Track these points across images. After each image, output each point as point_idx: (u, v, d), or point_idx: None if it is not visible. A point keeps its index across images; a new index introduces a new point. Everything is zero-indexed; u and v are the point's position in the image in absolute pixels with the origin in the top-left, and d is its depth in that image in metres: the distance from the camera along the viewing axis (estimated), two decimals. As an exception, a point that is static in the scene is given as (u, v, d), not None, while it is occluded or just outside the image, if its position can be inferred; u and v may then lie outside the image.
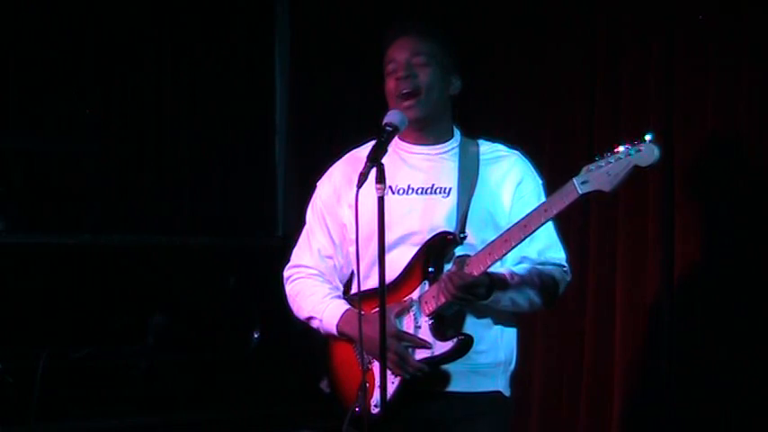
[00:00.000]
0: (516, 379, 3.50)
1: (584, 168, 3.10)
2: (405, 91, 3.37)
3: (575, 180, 3.11)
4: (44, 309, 4.61)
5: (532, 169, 3.49)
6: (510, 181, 3.42)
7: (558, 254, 3.44)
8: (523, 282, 3.34)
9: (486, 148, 3.48)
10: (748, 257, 4.08)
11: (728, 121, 4.19)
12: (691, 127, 4.28)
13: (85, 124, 5.47)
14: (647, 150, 3.03)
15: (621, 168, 3.05)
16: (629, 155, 3.04)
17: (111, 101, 5.56)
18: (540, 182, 3.47)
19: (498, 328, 3.41)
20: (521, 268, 3.37)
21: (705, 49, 4.27)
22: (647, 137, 3.04)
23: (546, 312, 4.12)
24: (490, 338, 3.39)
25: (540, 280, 3.36)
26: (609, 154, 3.07)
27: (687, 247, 4.24)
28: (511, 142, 3.59)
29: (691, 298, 4.23)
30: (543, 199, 3.37)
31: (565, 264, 3.45)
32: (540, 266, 3.38)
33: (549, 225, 3.33)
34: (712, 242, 4.18)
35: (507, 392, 3.45)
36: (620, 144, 3.06)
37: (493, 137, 3.58)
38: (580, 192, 3.10)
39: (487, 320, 3.39)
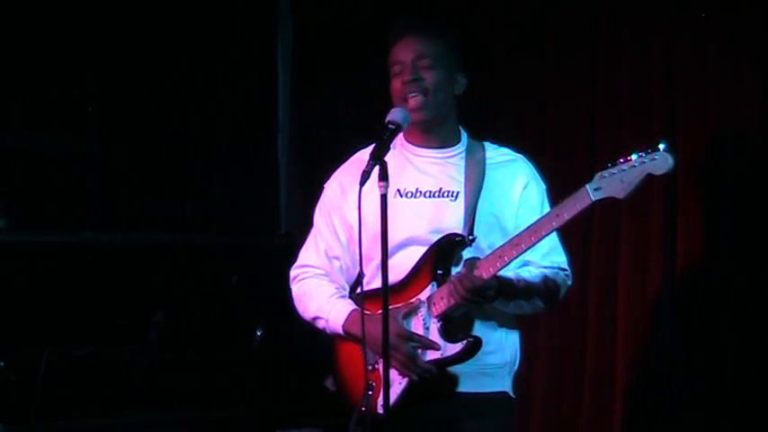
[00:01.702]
0: (519, 378, 3.53)
1: (597, 175, 3.12)
2: (411, 95, 3.37)
3: (588, 186, 3.13)
4: (46, 307, 4.59)
5: (537, 174, 3.51)
6: (516, 185, 3.45)
7: (560, 258, 3.47)
8: (528, 285, 3.37)
9: (493, 153, 3.50)
10: (750, 257, 4.09)
11: (730, 120, 4.20)
12: (692, 127, 4.28)
13: (87, 122, 5.46)
14: (661, 159, 3.06)
15: (635, 176, 3.08)
16: (644, 162, 3.07)
17: (112, 99, 5.54)
18: (544, 186, 3.50)
19: (503, 329, 3.44)
20: (526, 272, 3.40)
21: (705, 49, 4.28)
22: (661, 146, 3.07)
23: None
24: (496, 339, 3.42)
25: (544, 284, 3.40)
26: (622, 161, 3.10)
27: (689, 246, 4.25)
28: (511, 142, 3.60)
29: (693, 297, 4.24)
30: (547, 203, 3.42)
31: (566, 267, 3.48)
32: (543, 270, 3.42)
33: (552, 229, 3.36)
34: (714, 241, 4.19)
35: (512, 393, 3.48)
36: (632, 152, 3.09)
37: (493, 137, 3.59)
38: (593, 198, 3.13)
39: (493, 322, 3.42)
